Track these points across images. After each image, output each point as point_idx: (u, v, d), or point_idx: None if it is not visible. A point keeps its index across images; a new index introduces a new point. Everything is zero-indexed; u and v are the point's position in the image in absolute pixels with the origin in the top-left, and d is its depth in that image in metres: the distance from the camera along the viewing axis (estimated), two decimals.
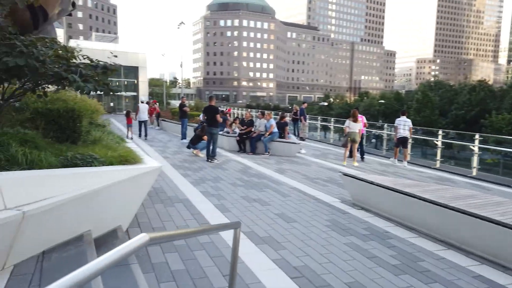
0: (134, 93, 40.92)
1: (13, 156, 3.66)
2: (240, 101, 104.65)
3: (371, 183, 6.17)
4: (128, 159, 4.52)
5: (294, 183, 8.20)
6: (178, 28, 39.35)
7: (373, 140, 22.29)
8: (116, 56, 7.99)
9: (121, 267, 3.57)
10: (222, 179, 8.20)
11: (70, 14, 13.66)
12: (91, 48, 37.71)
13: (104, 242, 3.98)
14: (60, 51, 5.41)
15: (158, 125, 22.06)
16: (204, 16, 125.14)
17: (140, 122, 16.19)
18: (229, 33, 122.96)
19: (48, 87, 7.34)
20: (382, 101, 59.51)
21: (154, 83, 76.82)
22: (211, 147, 10.36)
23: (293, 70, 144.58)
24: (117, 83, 41.22)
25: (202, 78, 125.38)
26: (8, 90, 5.88)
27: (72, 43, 36.78)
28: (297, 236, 4.96)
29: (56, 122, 4.95)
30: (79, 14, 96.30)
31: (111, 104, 39.71)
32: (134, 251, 1.40)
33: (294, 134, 18.09)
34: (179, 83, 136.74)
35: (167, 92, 70.46)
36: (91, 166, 4.05)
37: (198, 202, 6.32)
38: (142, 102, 17.26)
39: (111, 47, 39.27)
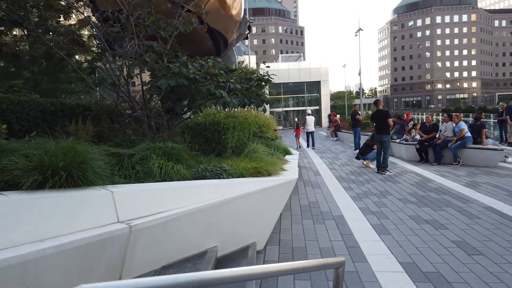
0: (317, 107, 41.95)
1: (150, 168, 3.83)
2: (432, 106, 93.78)
3: None
4: (261, 171, 4.18)
5: (489, 200, 6.28)
6: (356, 35, 38.42)
7: None
8: (268, 67, 7.95)
9: None
10: (390, 194, 7.02)
11: (246, 37, 14.84)
12: (277, 69, 40.98)
13: (231, 260, 3.71)
14: (213, 70, 5.60)
15: (336, 136, 21.72)
16: (390, 20, 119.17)
17: (308, 133, 17.19)
18: (419, 34, 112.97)
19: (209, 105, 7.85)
20: None
21: (337, 96, 77.39)
22: (382, 157, 9.18)
23: (504, 64, 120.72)
24: (303, 99, 43.22)
25: (389, 85, 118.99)
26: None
27: (261, 66, 40.67)
28: (480, 275, 3.56)
29: (203, 135, 5.09)
30: (272, 41, 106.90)
31: (296, 119, 41.75)
32: None
33: (502, 140, 14.57)
34: (365, 93, 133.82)
35: (352, 103, 69.64)
36: (219, 178, 3.89)
37: (353, 220, 5.47)
38: (309, 115, 17.88)
39: (294, 65, 41.67)
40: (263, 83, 6.82)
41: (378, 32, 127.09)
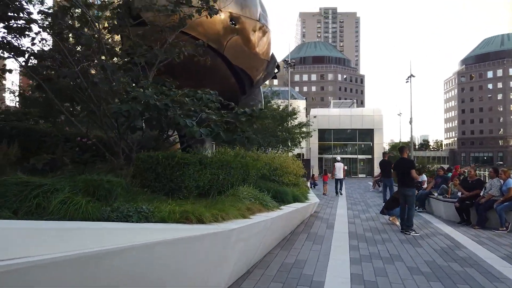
0: (369, 156, 39.91)
1: (50, 202, 3.26)
2: (501, 162, 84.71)
3: None
4: (189, 216, 3.40)
5: None
6: (407, 82, 36.57)
7: None
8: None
9: None
10: (400, 260, 5.74)
11: (275, 77, 14.46)
12: (327, 114, 40.17)
13: None
14: (182, 97, 5.06)
15: (380, 187, 20.02)
16: (457, 71, 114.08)
17: (336, 180, 16.88)
18: (490, 86, 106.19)
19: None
20: None
21: (395, 146, 73.65)
22: (406, 214, 7.83)
23: None
24: (356, 147, 41.55)
25: (456, 138, 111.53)
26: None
27: (312, 112, 40.22)
28: None
29: (154, 170, 4.46)
30: (330, 88, 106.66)
31: (345, 167, 39.99)
32: None
33: None
34: (430, 145, 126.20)
35: (415, 155, 65.86)
36: (126, 221, 3.18)
37: None
38: (337, 161, 17.13)
39: (346, 111, 40.60)
40: (253, 118, 6.15)
41: (444, 82, 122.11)
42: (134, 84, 5.35)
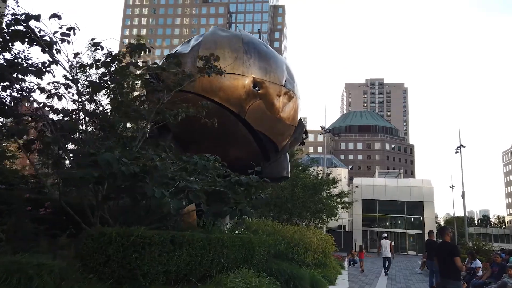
0: (419, 231, 36.49)
1: None
2: None
3: None
4: None
5: None
6: (456, 152, 33.87)
7: None
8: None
9: None
10: None
11: (302, 143, 13.67)
12: (372, 184, 38.08)
13: None
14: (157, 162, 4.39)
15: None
16: None
17: (384, 259, 15.05)
18: None
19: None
20: None
21: (449, 221, 67.86)
22: None
23: None
24: (405, 220, 38.55)
25: None
26: None
27: (355, 181, 38.42)
28: None
29: (104, 251, 3.63)
30: (377, 157, 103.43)
31: (392, 242, 36.73)
32: None
33: None
34: (491, 221, 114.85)
35: (474, 232, 60.06)
36: None
37: None
38: (384, 238, 15.08)
39: (392, 182, 38.32)
40: (253, 188, 5.30)
41: (502, 154, 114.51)
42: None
